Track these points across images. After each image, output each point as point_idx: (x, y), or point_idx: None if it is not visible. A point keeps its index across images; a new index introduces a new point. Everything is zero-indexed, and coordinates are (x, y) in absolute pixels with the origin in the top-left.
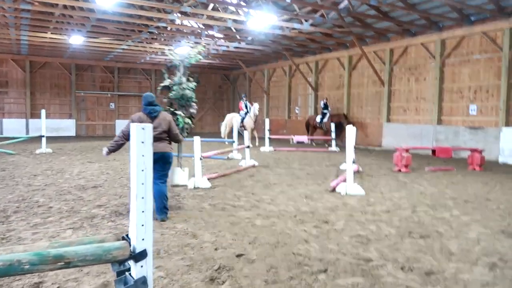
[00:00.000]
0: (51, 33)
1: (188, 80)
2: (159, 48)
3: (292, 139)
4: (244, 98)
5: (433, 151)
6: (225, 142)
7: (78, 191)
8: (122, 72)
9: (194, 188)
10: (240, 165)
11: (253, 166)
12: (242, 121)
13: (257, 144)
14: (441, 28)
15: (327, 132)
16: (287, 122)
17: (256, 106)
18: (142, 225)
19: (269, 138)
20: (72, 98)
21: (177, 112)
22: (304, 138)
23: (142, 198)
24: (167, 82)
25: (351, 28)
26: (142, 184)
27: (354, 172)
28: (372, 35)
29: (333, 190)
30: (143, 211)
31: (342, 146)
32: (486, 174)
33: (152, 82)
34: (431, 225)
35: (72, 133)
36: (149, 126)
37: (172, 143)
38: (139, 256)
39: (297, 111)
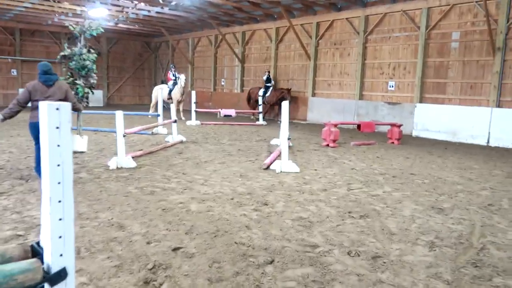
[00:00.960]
0: None
1: (89, 51)
2: (70, 9)
3: (219, 112)
4: (173, 68)
5: (358, 126)
6: (149, 116)
7: None
8: (25, 35)
9: (117, 168)
10: (167, 141)
11: (181, 142)
12: (169, 93)
13: (182, 117)
14: (366, 4)
15: (270, 106)
16: (213, 94)
17: (182, 77)
18: (60, 237)
19: (196, 112)
20: None
21: (77, 82)
22: (232, 112)
23: (59, 201)
24: (66, 51)
25: None
26: (59, 183)
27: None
28: (300, 8)
29: (268, 167)
30: (60, 219)
31: (269, 119)
32: (404, 148)
33: (62, 47)
34: (367, 203)
35: None
36: (66, 106)
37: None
38: (57, 278)
39: (223, 83)
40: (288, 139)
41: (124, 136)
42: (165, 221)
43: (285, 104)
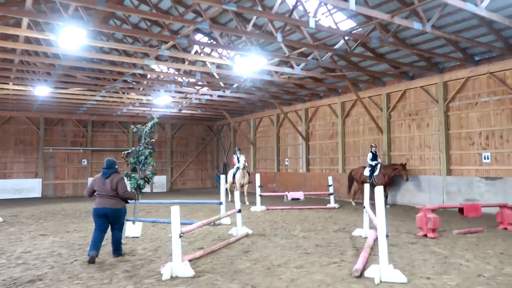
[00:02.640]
0: (13, 84)
1: (144, 147)
2: (137, 99)
3: (286, 196)
4: (238, 152)
5: (460, 210)
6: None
7: None
8: (96, 126)
9: (171, 278)
10: (231, 234)
11: (247, 235)
12: (233, 177)
13: (247, 202)
14: (443, 70)
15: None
16: (276, 175)
17: (241, 158)
18: None
19: (261, 196)
20: (40, 155)
21: (132, 174)
22: (300, 195)
23: None
24: (129, 150)
25: (345, 72)
26: None
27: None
28: (366, 80)
29: (361, 275)
30: None
31: (340, 199)
32: None
33: (129, 135)
34: None
35: (38, 193)
36: None
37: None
38: None
39: (287, 163)
40: (387, 236)
41: (180, 236)
42: None
43: (378, 189)
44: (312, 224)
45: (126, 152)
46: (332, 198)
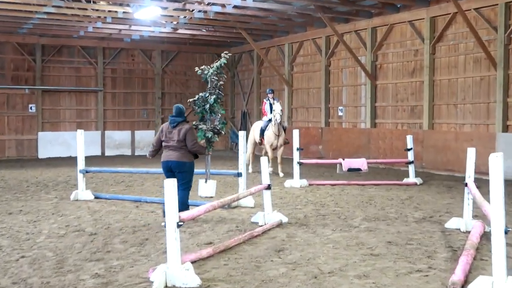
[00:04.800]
0: None
1: (210, 93)
2: (109, 12)
3: (341, 164)
4: (270, 95)
5: None
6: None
7: None
8: (48, 53)
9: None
10: (255, 222)
11: (280, 224)
12: (261, 134)
13: (280, 173)
14: None
15: None
16: (324, 132)
17: (277, 107)
18: None
19: (300, 164)
20: None
21: (199, 126)
22: (361, 163)
23: None
24: (196, 96)
25: None
26: None
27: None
28: None
29: None
30: None
31: (424, 172)
32: None
33: (99, 69)
34: None
35: None
36: None
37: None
38: None
39: (340, 114)
40: (505, 232)
41: (180, 225)
42: None
43: (494, 157)
44: (380, 209)
45: (192, 99)
46: (412, 168)
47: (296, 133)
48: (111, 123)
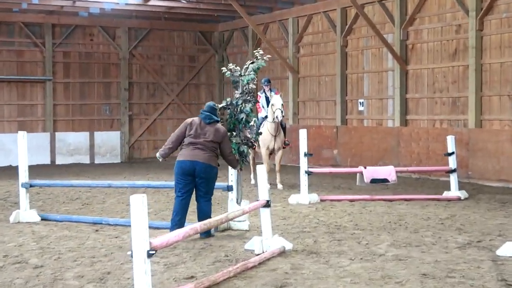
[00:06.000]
0: None
1: (244, 101)
2: None
3: (361, 174)
4: (266, 87)
5: None
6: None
7: None
8: None
9: None
10: (249, 249)
11: (282, 252)
12: (257, 135)
13: (279, 185)
14: None
15: None
16: (340, 132)
17: (277, 101)
18: None
19: (308, 174)
20: None
21: (232, 138)
22: (388, 173)
23: None
24: (224, 102)
25: None
26: None
27: None
28: None
29: None
30: None
31: (471, 183)
32: None
33: (48, 52)
34: None
35: None
36: None
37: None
38: None
39: (361, 109)
40: None
41: (151, 254)
42: None
43: None
44: (413, 231)
45: (221, 106)
46: (454, 179)
47: (303, 133)
48: (64, 122)
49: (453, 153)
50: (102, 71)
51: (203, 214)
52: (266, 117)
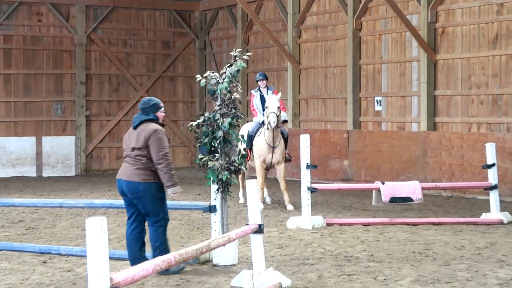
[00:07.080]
0: None
1: (221, 115)
2: None
3: (379, 191)
4: (261, 83)
5: None
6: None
7: None
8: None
9: None
10: (237, 287)
11: None
12: (249, 143)
13: (288, 206)
14: None
15: None
16: (352, 138)
17: (273, 101)
18: None
19: (311, 191)
20: None
21: (209, 163)
22: (412, 190)
23: None
24: (201, 118)
25: None
26: None
27: None
28: None
29: None
30: None
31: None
32: None
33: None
34: None
35: None
36: None
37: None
38: None
39: (378, 108)
40: None
41: None
42: None
43: None
44: (443, 264)
45: (194, 122)
46: (495, 197)
47: (305, 140)
48: (3, 124)
49: (493, 164)
50: (52, 60)
51: (151, 244)
52: (262, 124)
